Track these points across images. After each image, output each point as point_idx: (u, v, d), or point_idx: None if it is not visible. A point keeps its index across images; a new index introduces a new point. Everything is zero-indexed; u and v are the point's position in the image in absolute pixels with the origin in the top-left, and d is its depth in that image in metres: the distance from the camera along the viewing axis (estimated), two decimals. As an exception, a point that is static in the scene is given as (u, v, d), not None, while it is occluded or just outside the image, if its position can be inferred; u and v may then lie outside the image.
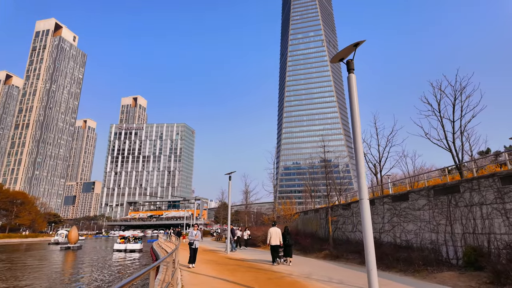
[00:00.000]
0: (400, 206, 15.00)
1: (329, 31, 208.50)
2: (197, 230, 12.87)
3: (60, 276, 20.27)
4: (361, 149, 5.87)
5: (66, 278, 19.49)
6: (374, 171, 24.04)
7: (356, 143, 5.89)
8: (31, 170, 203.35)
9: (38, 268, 24.10)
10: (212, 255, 18.76)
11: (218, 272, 10.87)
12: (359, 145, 5.84)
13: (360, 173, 5.84)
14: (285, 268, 12.27)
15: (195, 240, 12.39)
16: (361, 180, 5.78)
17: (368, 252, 5.60)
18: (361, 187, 5.74)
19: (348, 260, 14.90)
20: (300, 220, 31.59)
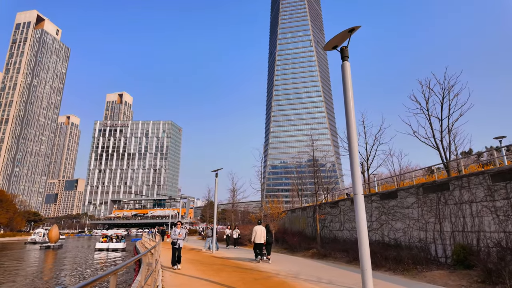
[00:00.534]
0: (388, 204, 14.85)
1: (318, 31, 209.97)
2: (180, 228, 11.59)
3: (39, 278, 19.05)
4: (355, 140, 5.51)
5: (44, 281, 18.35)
6: (362, 170, 24.05)
7: (350, 133, 5.51)
8: (10, 167, 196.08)
9: (15, 270, 22.56)
10: (197, 254, 18.19)
11: (202, 272, 10.36)
12: (353, 136, 5.47)
13: (354, 166, 5.46)
14: (272, 267, 11.87)
15: (179, 239, 11.38)
16: (355, 173, 5.40)
17: (363, 250, 5.25)
18: (355, 180, 5.37)
19: (336, 259, 14.66)
20: (287, 219, 31.34)
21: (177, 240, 11.32)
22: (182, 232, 11.54)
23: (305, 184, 42.86)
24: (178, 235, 11.39)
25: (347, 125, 5.57)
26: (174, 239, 11.38)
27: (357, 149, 5.53)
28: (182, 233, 11.54)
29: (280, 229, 28.68)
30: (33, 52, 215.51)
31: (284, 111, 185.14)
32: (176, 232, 11.46)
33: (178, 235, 11.37)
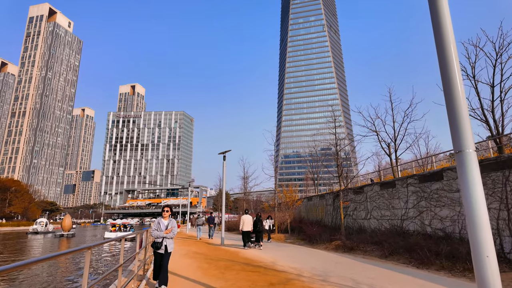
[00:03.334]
0: (430, 188, 12.28)
1: (330, 15, 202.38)
2: (169, 218, 6.51)
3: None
4: (456, 66, 3.02)
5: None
6: (388, 152, 21.36)
7: (447, 57, 3.03)
8: (29, 159, 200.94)
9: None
10: (201, 245, 16.20)
11: (204, 271, 8.21)
12: (453, 59, 3.00)
13: (456, 104, 2.95)
14: (291, 265, 9.62)
15: (166, 237, 6.34)
16: (463, 122, 2.89)
17: (481, 241, 2.73)
18: (462, 130, 2.88)
19: (365, 253, 12.29)
20: (303, 207, 29.08)
21: (163, 239, 6.29)
22: (172, 226, 6.42)
23: (320, 172, 40.44)
24: (166, 230, 6.33)
25: (440, 45, 3.08)
26: (158, 238, 6.34)
27: (461, 82, 3.02)
28: (172, 227, 6.41)
29: (296, 218, 26.50)
30: (46, 45, 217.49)
31: (296, 98, 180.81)
32: (162, 225, 6.38)
33: (165, 231, 6.32)
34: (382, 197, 15.50)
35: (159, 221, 6.44)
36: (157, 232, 6.35)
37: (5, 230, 61.09)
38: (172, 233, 6.35)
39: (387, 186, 15.22)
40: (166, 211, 6.49)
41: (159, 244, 6.25)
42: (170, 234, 6.34)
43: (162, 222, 6.40)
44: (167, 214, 6.48)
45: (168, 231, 6.30)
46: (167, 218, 6.48)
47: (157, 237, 6.29)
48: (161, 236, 6.27)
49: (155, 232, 6.38)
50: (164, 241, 6.29)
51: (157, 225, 6.43)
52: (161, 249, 6.25)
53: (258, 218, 15.74)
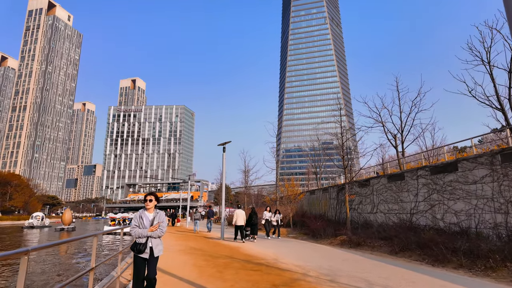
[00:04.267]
0: (443, 180, 11.51)
1: (332, 8, 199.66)
2: (155, 210, 4.80)
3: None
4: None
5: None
6: (395, 143, 20.54)
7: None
8: (30, 153, 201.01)
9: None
10: (200, 240, 15.54)
11: (200, 270, 7.50)
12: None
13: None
14: (296, 262, 8.92)
15: (151, 236, 4.59)
16: None
17: None
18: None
19: (373, 249, 11.59)
20: (305, 201, 28.39)
21: (146, 240, 4.55)
22: (159, 221, 4.69)
23: (323, 166, 39.67)
24: (151, 228, 4.58)
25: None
26: (140, 238, 4.56)
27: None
28: (159, 222, 4.69)
29: (298, 212, 25.84)
30: (46, 38, 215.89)
31: (298, 92, 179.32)
32: (145, 220, 4.66)
33: (151, 228, 4.57)
34: (389, 190, 14.75)
35: (142, 215, 4.66)
36: (138, 229, 4.51)
37: (5, 224, 60.88)
38: (159, 230, 4.59)
39: (395, 178, 14.46)
40: (150, 200, 4.71)
41: (142, 246, 4.45)
42: (157, 232, 4.57)
43: (146, 216, 4.65)
44: (152, 205, 4.73)
45: (154, 227, 4.53)
46: (152, 210, 4.75)
47: (139, 237, 4.51)
48: (144, 235, 4.49)
49: (135, 229, 4.52)
50: (149, 241, 4.50)
51: (138, 219, 4.62)
52: (144, 253, 4.47)
53: (253, 211, 15.98)
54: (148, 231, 4.52)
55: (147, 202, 4.74)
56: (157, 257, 4.63)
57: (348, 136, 17.84)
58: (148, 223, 4.62)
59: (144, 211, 4.75)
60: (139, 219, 4.65)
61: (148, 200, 4.74)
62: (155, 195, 4.84)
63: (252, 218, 15.61)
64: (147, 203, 4.74)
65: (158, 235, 4.61)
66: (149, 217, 4.68)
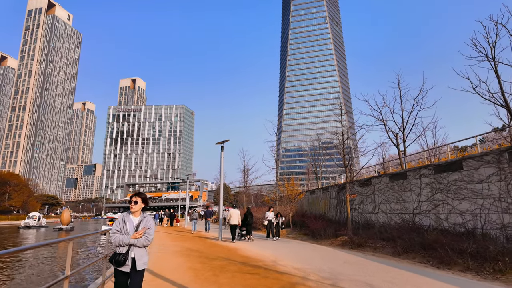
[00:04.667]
0: (447, 179, 11.16)
1: (332, 7, 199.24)
2: (141, 214, 3.96)
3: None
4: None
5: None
6: (396, 142, 20.19)
7: None
8: (30, 153, 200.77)
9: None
10: (197, 241, 15.20)
11: (195, 274, 7.15)
12: None
13: None
14: (295, 265, 8.57)
15: (135, 245, 3.72)
16: None
17: None
18: None
19: (375, 250, 11.24)
20: (305, 200, 28.06)
21: (128, 249, 3.70)
22: (146, 226, 3.82)
23: (323, 165, 39.30)
24: (133, 234, 3.73)
25: None
26: (119, 247, 3.73)
27: None
28: (146, 227, 3.80)
29: (298, 212, 25.50)
30: (46, 38, 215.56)
31: (298, 92, 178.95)
32: (129, 224, 3.82)
33: (135, 234, 3.73)
34: (391, 189, 14.40)
35: (125, 218, 3.84)
36: (119, 236, 3.69)
37: (4, 224, 60.56)
38: (145, 238, 3.72)
39: (398, 177, 14.11)
40: (135, 202, 3.87)
41: (122, 257, 3.60)
42: (142, 240, 3.70)
43: (130, 220, 3.82)
44: (137, 207, 3.87)
45: (138, 234, 3.68)
46: (138, 213, 3.90)
47: (120, 245, 3.68)
48: (126, 243, 3.65)
49: (116, 236, 3.69)
50: (131, 251, 3.66)
51: (120, 224, 3.80)
52: (125, 266, 3.61)
53: (248, 211, 15.95)
54: (131, 238, 3.67)
55: (132, 204, 3.87)
56: (142, 272, 3.75)
57: (349, 135, 17.47)
58: (132, 228, 3.75)
59: (129, 214, 3.90)
60: (121, 224, 3.80)
61: (133, 202, 3.87)
62: (143, 197, 3.95)
63: (247, 218, 15.60)
64: (132, 205, 3.87)
65: (143, 243, 3.72)
66: (133, 221, 3.82)
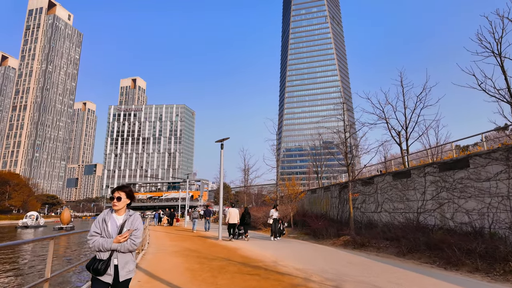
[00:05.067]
0: (453, 177, 10.86)
1: (333, 6, 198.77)
2: (126, 211, 3.24)
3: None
4: None
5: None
6: (398, 141, 19.88)
7: None
8: (31, 153, 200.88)
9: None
10: (196, 241, 14.93)
11: (193, 275, 6.87)
12: None
13: None
14: (296, 265, 8.29)
15: (118, 250, 3.01)
16: None
17: None
18: None
19: (379, 250, 10.95)
20: (306, 200, 27.77)
21: (110, 255, 3.00)
22: (132, 227, 3.11)
23: (324, 165, 39.00)
24: (116, 237, 3.01)
25: None
26: (99, 252, 3.01)
27: None
28: (131, 229, 3.07)
29: (299, 212, 25.22)
30: (46, 38, 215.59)
31: (299, 91, 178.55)
32: (111, 225, 3.09)
33: (116, 239, 3.00)
34: (395, 188, 14.10)
35: (106, 218, 3.10)
36: (99, 239, 2.99)
37: (3, 223, 60.40)
38: (130, 241, 3.02)
39: (401, 176, 13.81)
40: (118, 198, 3.14)
41: (102, 265, 2.92)
42: (127, 244, 3.00)
43: (113, 220, 3.11)
44: (121, 204, 3.14)
45: (122, 237, 2.97)
46: (122, 211, 3.18)
47: (100, 250, 2.98)
48: (107, 248, 2.96)
49: (95, 240, 2.99)
50: (113, 257, 2.98)
51: (100, 225, 3.07)
52: (106, 275, 2.94)
53: (246, 210, 16.31)
54: (114, 242, 2.96)
55: (114, 201, 3.15)
56: (127, 282, 3.05)
57: (351, 132, 17.17)
58: (115, 230, 3.05)
59: (111, 212, 3.17)
60: (102, 224, 3.07)
61: (116, 198, 3.15)
62: (127, 190, 3.22)
63: (245, 218, 15.90)
64: (115, 202, 3.15)
65: (128, 248, 3.01)
66: (116, 221, 3.11)
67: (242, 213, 16.34)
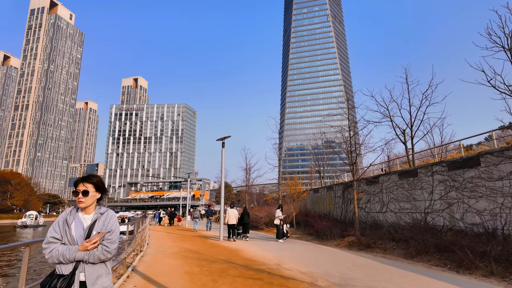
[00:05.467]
0: (462, 176, 10.46)
1: (335, 5, 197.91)
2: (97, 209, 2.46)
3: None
4: None
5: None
6: (403, 139, 19.45)
7: None
8: (33, 152, 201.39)
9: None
10: (197, 241, 14.59)
11: (191, 278, 6.52)
12: None
13: None
14: (301, 268, 7.92)
15: (86, 261, 2.24)
16: None
17: None
18: None
19: (386, 251, 10.57)
20: (309, 199, 27.40)
21: (75, 267, 2.22)
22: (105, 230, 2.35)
23: (326, 164, 38.54)
24: (83, 244, 2.24)
25: None
26: (59, 264, 2.22)
27: None
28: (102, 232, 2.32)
29: (302, 211, 24.84)
30: (48, 37, 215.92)
31: (300, 91, 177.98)
32: (75, 228, 2.32)
33: (81, 246, 2.23)
34: (401, 187, 13.71)
35: (68, 218, 2.35)
36: (58, 248, 2.25)
37: (4, 222, 60.38)
38: (102, 248, 2.27)
39: (407, 175, 13.42)
40: (84, 192, 2.35)
41: (63, 283, 2.16)
42: (97, 252, 2.25)
43: (78, 221, 2.36)
44: (89, 200, 2.37)
45: (91, 242, 2.23)
46: (91, 209, 2.43)
47: (60, 262, 2.22)
48: (70, 259, 2.21)
49: (54, 247, 2.25)
50: (79, 271, 2.24)
51: (60, 227, 2.33)
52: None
53: (245, 211, 16.39)
54: (79, 249, 2.20)
55: (79, 196, 2.35)
56: None
57: (355, 130, 16.75)
58: (81, 234, 2.29)
59: (76, 211, 2.40)
60: (63, 227, 2.31)
61: (80, 193, 2.35)
62: (96, 182, 2.43)
63: (244, 218, 15.93)
64: (80, 197, 2.34)
65: (100, 257, 2.24)
66: (83, 222, 2.35)
67: (241, 213, 16.46)
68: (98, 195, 2.45)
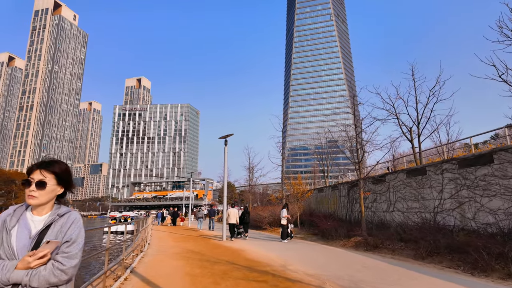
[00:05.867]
0: (474, 174, 10.05)
1: (338, 4, 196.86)
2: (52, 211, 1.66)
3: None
4: None
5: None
6: (410, 137, 19.02)
7: None
8: (37, 152, 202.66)
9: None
10: (200, 242, 14.29)
11: (193, 281, 6.21)
12: None
13: None
14: (307, 270, 7.58)
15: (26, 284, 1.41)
16: None
17: None
18: None
19: (394, 252, 10.19)
20: (313, 199, 27.02)
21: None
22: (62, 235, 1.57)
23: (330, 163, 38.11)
24: (24, 258, 1.46)
25: None
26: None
27: None
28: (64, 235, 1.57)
29: (306, 211, 24.48)
30: (52, 38, 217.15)
31: (303, 90, 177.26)
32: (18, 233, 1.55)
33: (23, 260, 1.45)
34: (409, 186, 13.31)
35: (9, 219, 1.57)
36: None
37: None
38: (50, 267, 1.48)
39: (415, 173, 13.02)
40: (39, 183, 1.60)
41: None
42: (46, 272, 1.46)
43: (25, 222, 1.59)
44: (44, 196, 1.60)
45: (36, 256, 1.46)
46: (46, 208, 1.64)
47: None
48: (4, 281, 1.41)
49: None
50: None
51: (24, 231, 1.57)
52: None
53: (245, 210, 16.68)
54: (18, 267, 1.45)
55: (30, 188, 1.59)
56: None
57: (362, 127, 16.34)
58: (25, 243, 1.55)
59: (24, 210, 1.66)
60: (0, 232, 1.56)
61: (34, 184, 1.61)
62: (59, 171, 1.68)
63: (244, 217, 16.10)
64: (31, 188, 1.59)
65: (49, 280, 1.46)
66: (30, 226, 1.60)
67: (241, 212, 16.65)
68: (60, 190, 1.69)
